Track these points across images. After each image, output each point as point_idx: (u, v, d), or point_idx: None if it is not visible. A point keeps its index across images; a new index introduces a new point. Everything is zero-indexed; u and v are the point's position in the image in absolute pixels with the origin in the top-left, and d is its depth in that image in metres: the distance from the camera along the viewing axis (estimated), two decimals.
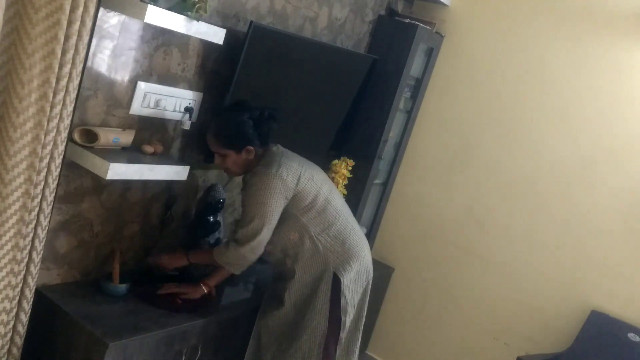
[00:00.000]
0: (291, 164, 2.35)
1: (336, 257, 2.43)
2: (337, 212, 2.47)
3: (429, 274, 3.71)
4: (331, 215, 2.44)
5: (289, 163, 2.35)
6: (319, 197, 2.40)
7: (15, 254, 1.96)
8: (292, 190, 2.33)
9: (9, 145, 1.84)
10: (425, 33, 3.41)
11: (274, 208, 2.31)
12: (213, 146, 2.37)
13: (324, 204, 2.42)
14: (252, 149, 2.35)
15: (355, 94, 3.32)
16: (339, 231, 2.45)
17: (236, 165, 2.39)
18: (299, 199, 2.36)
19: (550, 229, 3.32)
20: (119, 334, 2.13)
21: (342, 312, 2.44)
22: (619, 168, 3.15)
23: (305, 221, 2.39)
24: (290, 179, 2.31)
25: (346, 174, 3.35)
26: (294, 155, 2.45)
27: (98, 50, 2.11)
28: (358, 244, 2.51)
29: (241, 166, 2.40)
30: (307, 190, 2.37)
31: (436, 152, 3.69)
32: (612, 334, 3.07)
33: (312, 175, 2.41)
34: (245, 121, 2.33)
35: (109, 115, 2.24)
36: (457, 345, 3.62)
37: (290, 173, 2.32)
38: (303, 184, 2.35)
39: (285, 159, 2.36)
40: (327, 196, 2.44)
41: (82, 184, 2.27)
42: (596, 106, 3.22)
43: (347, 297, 2.44)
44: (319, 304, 2.42)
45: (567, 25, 3.28)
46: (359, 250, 2.49)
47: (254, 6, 2.63)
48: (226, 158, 2.37)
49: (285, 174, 2.30)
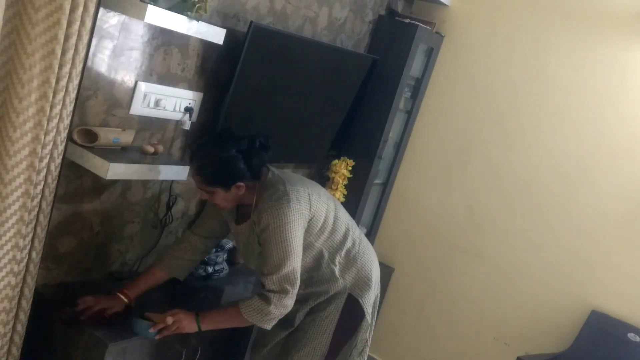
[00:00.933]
0: (297, 189, 2.13)
1: (351, 277, 2.29)
2: (347, 227, 2.31)
3: (429, 274, 3.71)
4: (342, 233, 2.28)
5: (295, 189, 2.12)
6: (329, 214, 2.23)
7: (15, 253, 1.96)
8: (307, 216, 2.13)
9: (9, 145, 1.84)
10: (425, 33, 3.41)
11: (298, 242, 2.10)
12: (198, 184, 2.14)
13: (334, 221, 2.25)
14: (242, 185, 2.11)
15: (355, 94, 3.32)
16: (349, 249, 2.30)
17: (226, 201, 2.15)
18: (313, 223, 2.18)
19: (550, 229, 3.32)
20: (119, 334, 2.13)
21: (364, 329, 2.32)
22: (619, 168, 3.15)
23: (319, 246, 2.23)
24: (303, 207, 2.11)
25: (346, 174, 3.36)
26: (292, 176, 2.25)
27: (98, 50, 2.10)
28: (369, 258, 2.36)
29: (232, 201, 2.17)
30: (319, 211, 2.19)
31: (436, 152, 3.69)
32: (612, 334, 3.07)
33: (317, 192, 2.22)
34: (234, 156, 2.07)
35: (109, 115, 2.24)
36: (457, 345, 3.62)
37: (301, 199, 2.11)
38: (315, 206, 2.16)
39: (289, 185, 2.13)
40: (336, 212, 2.27)
41: (82, 184, 2.27)
42: (596, 106, 3.22)
43: (369, 318, 2.32)
44: (325, 323, 2.28)
45: (567, 25, 3.28)
46: (371, 266, 2.35)
47: (254, 6, 2.63)
48: (214, 195, 2.12)
49: (297, 203, 2.09)
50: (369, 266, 2.35)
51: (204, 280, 2.75)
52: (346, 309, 2.29)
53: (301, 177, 2.35)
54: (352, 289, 2.29)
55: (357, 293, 2.29)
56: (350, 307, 2.29)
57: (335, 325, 2.28)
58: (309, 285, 2.28)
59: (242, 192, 2.13)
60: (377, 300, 2.43)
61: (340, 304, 2.28)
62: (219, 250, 2.77)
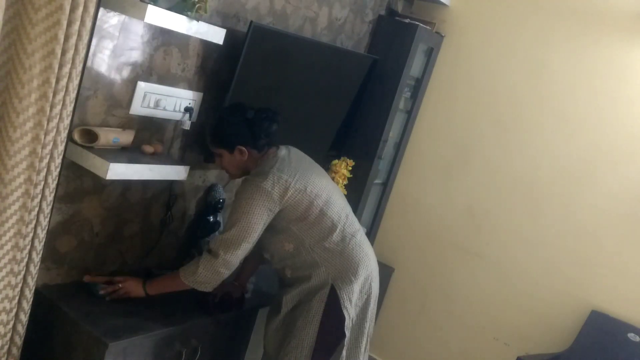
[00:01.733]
0: (281, 175, 2.24)
1: (334, 269, 2.33)
2: (334, 223, 2.35)
3: (429, 274, 3.71)
4: (326, 227, 2.33)
5: (278, 174, 2.24)
6: (312, 208, 2.30)
7: (15, 253, 1.96)
8: (277, 203, 2.23)
9: (9, 145, 1.84)
10: (425, 33, 3.41)
11: (257, 219, 2.21)
12: (209, 145, 2.39)
13: (319, 216, 2.32)
14: (244, 150, 2.31)
15: (355, 94, 3.32)
16: (336, 242, 2.34)
17: (232, 166, 2.37)
18: (287, 211, 2.27)
19: (550, 229, 3.32)
20: (118, 334, 2.13)
21: (346, 327, 2.34)
22: (619, 168, 3.15)
23: (297, 232, 2.32)
24: (275, 192, 2.22)
25: (346, 174, 3.36)
26: (294, 161, 2.35)
27: (98, 50, 2.10)
28: (358, 254, 2.38)
29: (237, 167, 2.37)
30: (297, 203, 2.27)
31: (436, 152, 3.69)
32: (612, 334, 3.07)
33: (305, 186, 2.28)
34: (239, 120, 2.31)
35: (109, 115, 2.24)
36: (457, 345, 3.62)
37: (276, 186, 2.22)
38: (291, 197, 2.25)
39: (277, 170, 2.25)
40: (323, 207, 2.32)
41: (82, 184, 2.27)
42: (596, 106, 3.22)
43: (349, 311, 2.34)
44: (310, 314, 2.32)
45: (566, 25, 3.28)
46: (359, 261, 2.37)
47: (254, 6, 2.63)
48: (222, 158, 2.36)
49: (270, 187, 2.21)
50: (357, 261, 2.37)
51: None
52: (330, 302, 2.33)
53: (307, 164, 2.43)
54: (335, 280, 2.34)
55: (337, 285, 2.34)
56: (333, 299, 2.34)
57: (321, 315, 2.33)
58: (294, 271, 2.38)
59: (244, 157, 2.32)
60: (368, 299, 2.43)
61: (324, 295, 2.33)
62: None
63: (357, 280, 2.36)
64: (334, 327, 2.34)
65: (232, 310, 2.57)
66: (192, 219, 2.77)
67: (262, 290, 2.77)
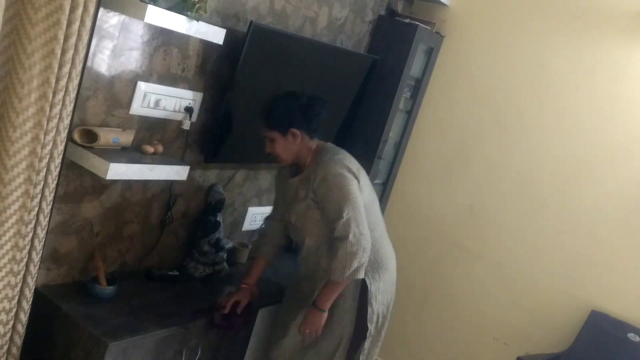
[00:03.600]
0: (352, 160, 2.40)
1: (370, 263, 2.39)
2: (377, 222, 2.48)
3: (429, 274, 3.71)
4: (372, 222, 2.41)
5: (349, 159, 2.40)
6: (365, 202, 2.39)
7: (14, 253, 1.96)
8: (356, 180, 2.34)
9: (9, 145, 1.84)
10: (425, 33, 3.41)
11: (356, 192, 2.31)
12: (262, 130, 2.38)
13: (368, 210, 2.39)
14: (297, 132, 2.34)
15: (355, 94, 3.32)
16: (376, 239, 2.43)
17: (285, 151, 2.37)
18: None
19: (550, 229, 3.32)
20: (119, 334, 2.13)
21: (369, 320, 2.45)
22: (619, 168, 3.15)
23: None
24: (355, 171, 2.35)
25: None
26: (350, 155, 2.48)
27: (98, 50, 2.11)
28: (389, 257, 2.53)
29: (290, 152, 2.38)
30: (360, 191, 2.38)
31: (436, 152, 3.69)
32: (612, 334, 3.07)
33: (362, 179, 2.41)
34: (292, 104, 2.36)
35: (109, 115, 2.24)
36: (457, 345, 3.61)
37: (353, 167, 2.36)
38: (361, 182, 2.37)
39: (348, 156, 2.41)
40: (368, 203, 2.42)
41: (82, 184, 2.27)
42: (596, 106, 3.22)
43: (373, 307, 2.45)
44: (346, 306, 2.43)
45: (566, 25, 3.28)
46: (388, 263, 2.51)
47: (254, 6, 2.63)
48: (274, 143, 2.36)
49: (350, 165, 2.35)
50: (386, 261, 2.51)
51: (204, 280, 2.75)
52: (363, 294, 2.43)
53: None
54: (367, 274, 2.40)
55: (369, 280, 2.42)
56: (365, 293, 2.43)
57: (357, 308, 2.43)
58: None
59: (297, 141, 2.36)
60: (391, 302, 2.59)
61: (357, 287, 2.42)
62: (219, 251, 2.77)
63: (383, 279, 2.48)
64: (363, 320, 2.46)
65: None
66: (192, 219, 2.77)
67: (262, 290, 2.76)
